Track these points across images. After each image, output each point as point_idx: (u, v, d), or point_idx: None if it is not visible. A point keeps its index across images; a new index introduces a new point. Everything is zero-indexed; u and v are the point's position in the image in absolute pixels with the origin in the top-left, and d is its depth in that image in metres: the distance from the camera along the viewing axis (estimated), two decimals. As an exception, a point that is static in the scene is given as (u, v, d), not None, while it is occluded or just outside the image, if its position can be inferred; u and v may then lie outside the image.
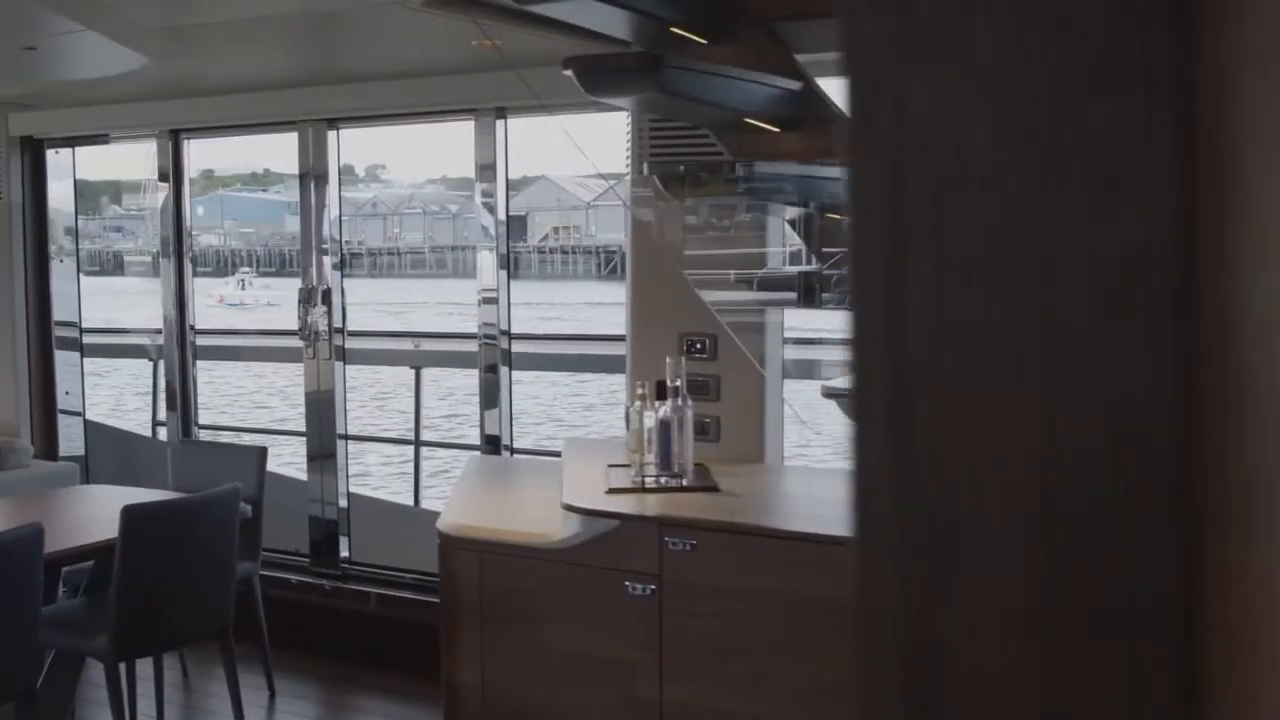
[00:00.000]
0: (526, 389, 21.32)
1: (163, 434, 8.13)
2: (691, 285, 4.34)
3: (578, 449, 5.00)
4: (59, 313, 7.23)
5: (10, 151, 6.96)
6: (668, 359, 4.37)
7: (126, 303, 7.37)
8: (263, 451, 5.59)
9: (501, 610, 4.11)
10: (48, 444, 7.09)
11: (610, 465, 4.50)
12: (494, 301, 5.80)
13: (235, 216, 54.92)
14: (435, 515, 7.24)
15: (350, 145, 6.47)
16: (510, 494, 4.86)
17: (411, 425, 7.73)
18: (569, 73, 3.91)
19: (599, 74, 4.01)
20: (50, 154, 7.11)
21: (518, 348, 5.99)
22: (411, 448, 7.65)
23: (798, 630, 3.64)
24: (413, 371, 7.35)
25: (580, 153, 4.75)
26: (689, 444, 4.20)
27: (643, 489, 4.14)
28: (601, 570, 3.91)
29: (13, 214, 6.98)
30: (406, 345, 7.70)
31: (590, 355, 10.49)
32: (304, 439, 6.37)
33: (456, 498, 4.68)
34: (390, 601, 6.10)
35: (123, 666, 4.74)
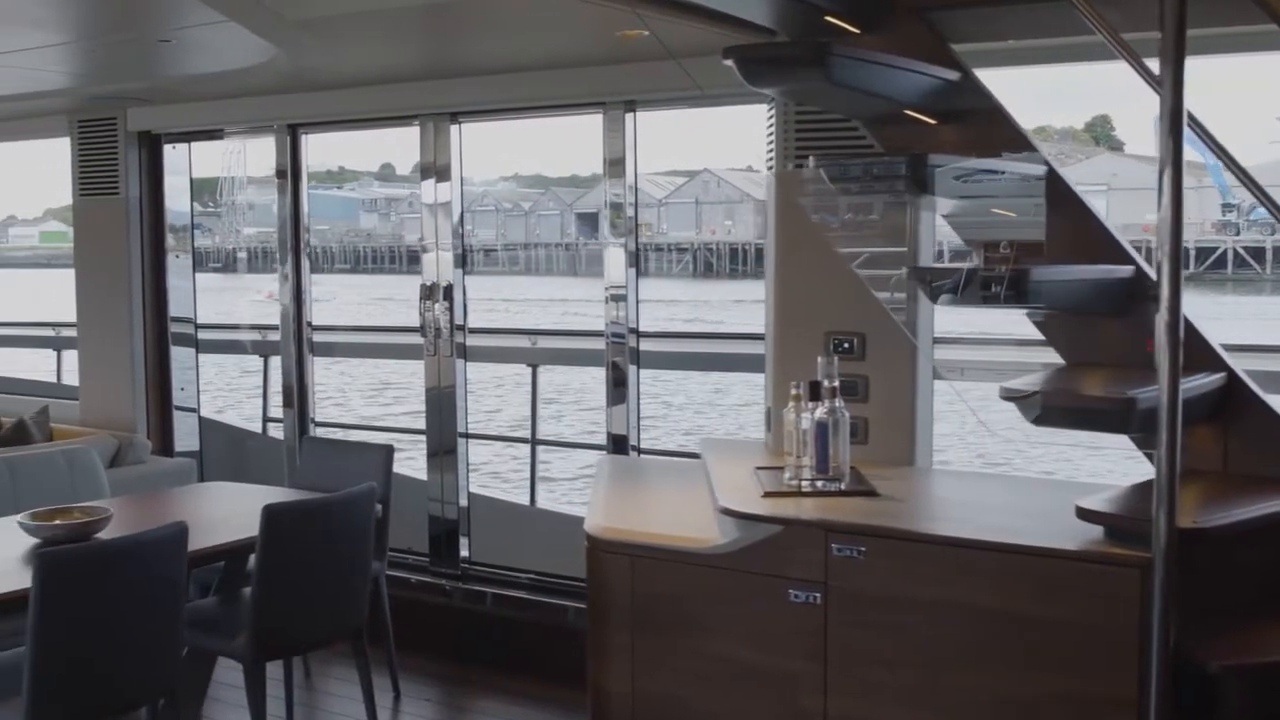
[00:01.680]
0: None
1: (273, 430, 8.13)
2: (866, 283, 4.19)
3: (717, 450, 4.87)
4: (174, 308, 7.21)
5: (128, 146, 6.94)
6: (819, 358, 4.23)
7: (203, 299, 7.32)
8: (389, 450, 5.51)
9: (654, 616, 3.99)
10: (163, 440, 7.07)
11: (758, 468, 4.37)
12: (622, 299, 5.68)
13: (311, 214, 55.16)
14: (551, 515, 7.25)
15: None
16: (651, 496, 4.73)
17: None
18: (729, 62, 3.79)
19: (762, 63, 3.88)
20: (167, 149, 7.08)
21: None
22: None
23: (971, 642, 3.48)
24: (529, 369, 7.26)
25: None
26: (846, 446, 4.06)
27: (800, 493, 4.01)
28: (762, 577, 3.78)
29: (130, 209, 6.97)
30: (522, 342, 7.60)
31: (685, 354, 10.28)
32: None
33: (598, 500, 4.55)
34: (509, 602, 6.01)
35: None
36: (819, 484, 4.03)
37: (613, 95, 5.58)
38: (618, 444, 5.72)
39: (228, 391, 16.28)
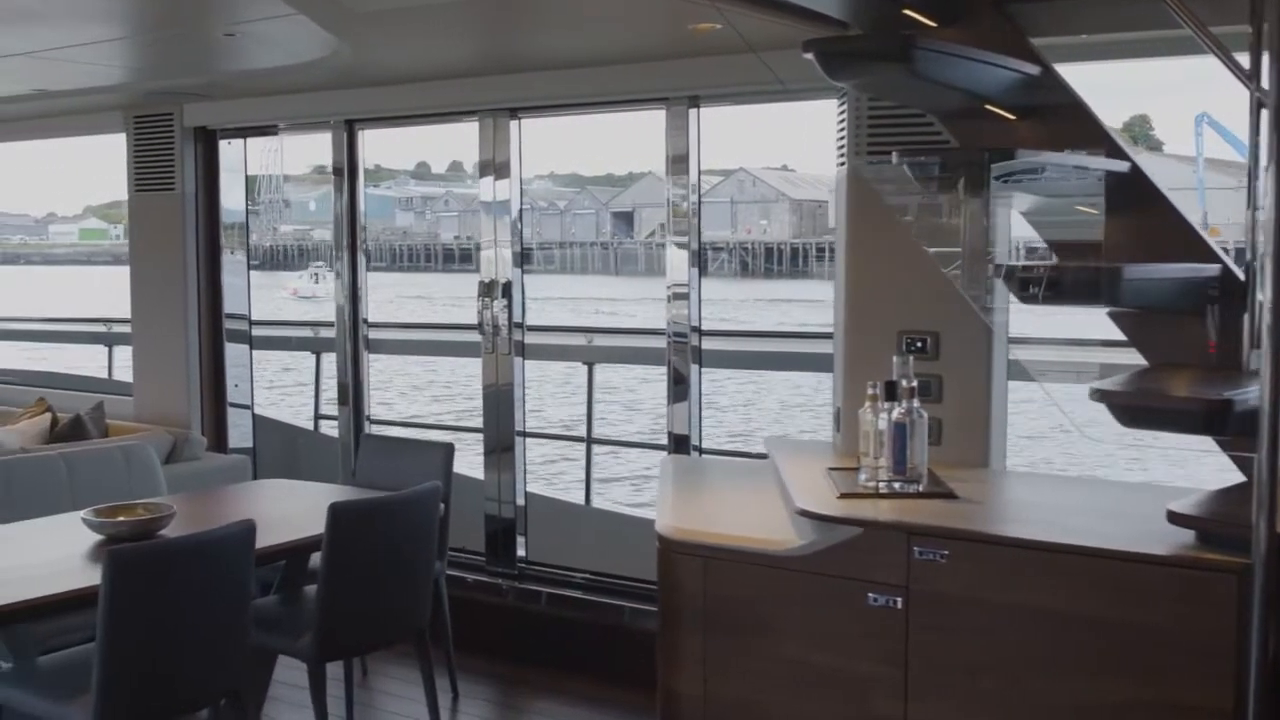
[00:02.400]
0: (657, 387, 21.24)
1: (325, 427, 8.11)
2: (955, 283, 4.11)
3: (785, 451, 4.80)
4: (228, 305, 7.18)
5: (184, 142, 6.92)
6: (894, 358, 4.16)
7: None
8: (449, 448, 5.47)
9: (727, 618, 3.92)
10: (217, 436, 7.05)
11: (830, 469, 4.31)
12: (684, 298, 5.62)
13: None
14: (605, 515, 7.21)
15: (466, 141, 6.32)
16: (720, 496, 4.66)
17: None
18: (809, 56, 3.72)
19: (844, 57, 3.81)
20: (222, 144, 7.06)
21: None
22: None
23: (1056, 648, 3.41)
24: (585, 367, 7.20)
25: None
26: (923, 447, 3.98)
27: (877, 494, 3.93)
28: (840, 580, 3.71)
29: (186, 205, 6.95)
30: (578, 340, 7.55)
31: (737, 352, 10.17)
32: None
33: (666, 500, 4.49)
34: (565, 602, 5.96)
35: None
36: (896, 485, 3.96)
37: (676, 90, 5.51)
38: (679, 443, 5.65)
39: (265, 388, 16.29)
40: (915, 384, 4.01)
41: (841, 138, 4.79)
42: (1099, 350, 4.68)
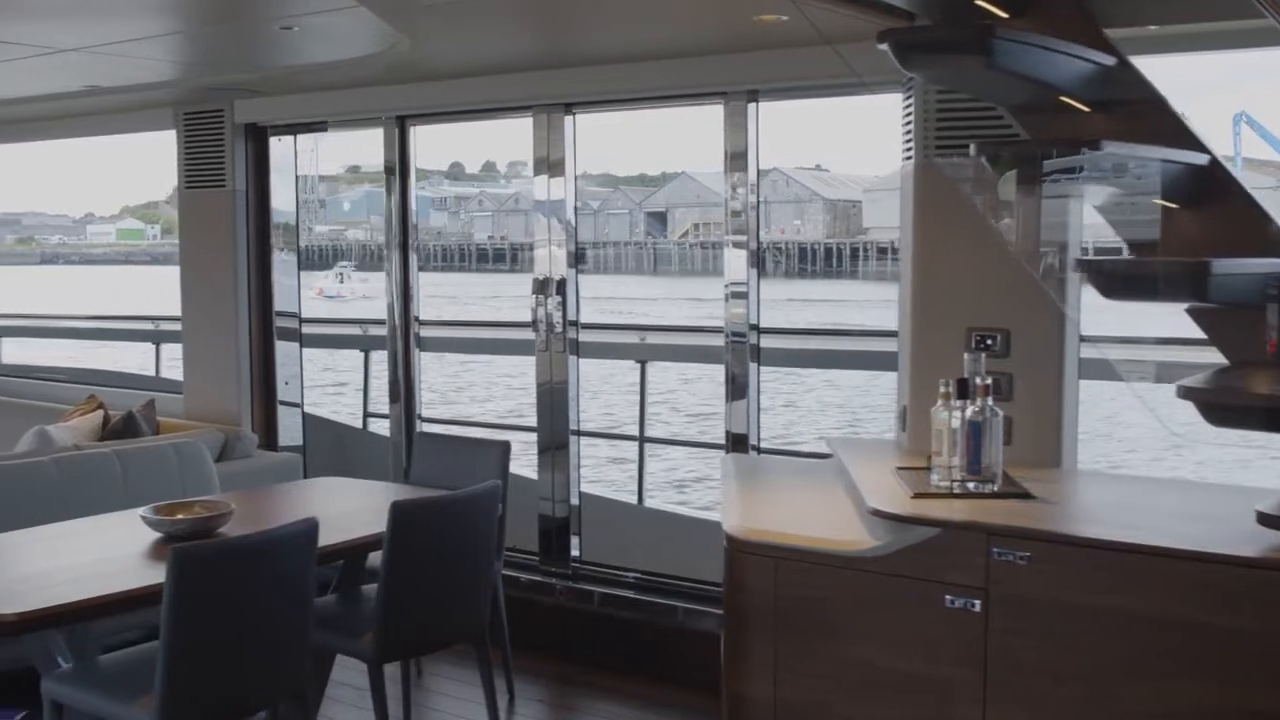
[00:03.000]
0: (697, 385, 21.20)
1: (374, 425, 8.07)
2: (1033, 277, 4.03)
3: (850, 450, 4.72)
4: (277, 303, 7.15)
5: (235, 138, 6.89)
6: (966, 355, 4.08)
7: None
8: (505, 447, 5.40)
9: (798, 620, 3.84)
10: (267, 434, 7.01)
11: (899, 468, 4.23)
12: (743, 296, 5.54)
13: (380, 212, 55.64)
14: (659, 514, 7.13)
15: (499, 141, 6.26)
16: (785, 496, 4.57)
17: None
18: (884, 46, 3.64)
19: (920, 48, 3.74)
20: (272, 141, 7.03)
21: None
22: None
23: (1141, 652, 3.32)
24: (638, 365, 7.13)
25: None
26: (998, 446, 3.90)
27: (951, 494, 3.85)
28: (916, 581, 3.63)
29: (237, 202, 6.91)
30: (631, 338, 7.48)
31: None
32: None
33: (731, 499, 4.41)
34: (620, 602, 5.89)
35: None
36: (970, 486, 3.88)
37: (735, 84, 5.43)
38: (736, 442, 5.58)
39: (307, 387, 16.30)
40: (990, 381, 3.92)
41: (908, 132, 4.70)
42: (1156, 349, 4.58)
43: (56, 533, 4.64)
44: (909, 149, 4.70)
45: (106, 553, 4.37)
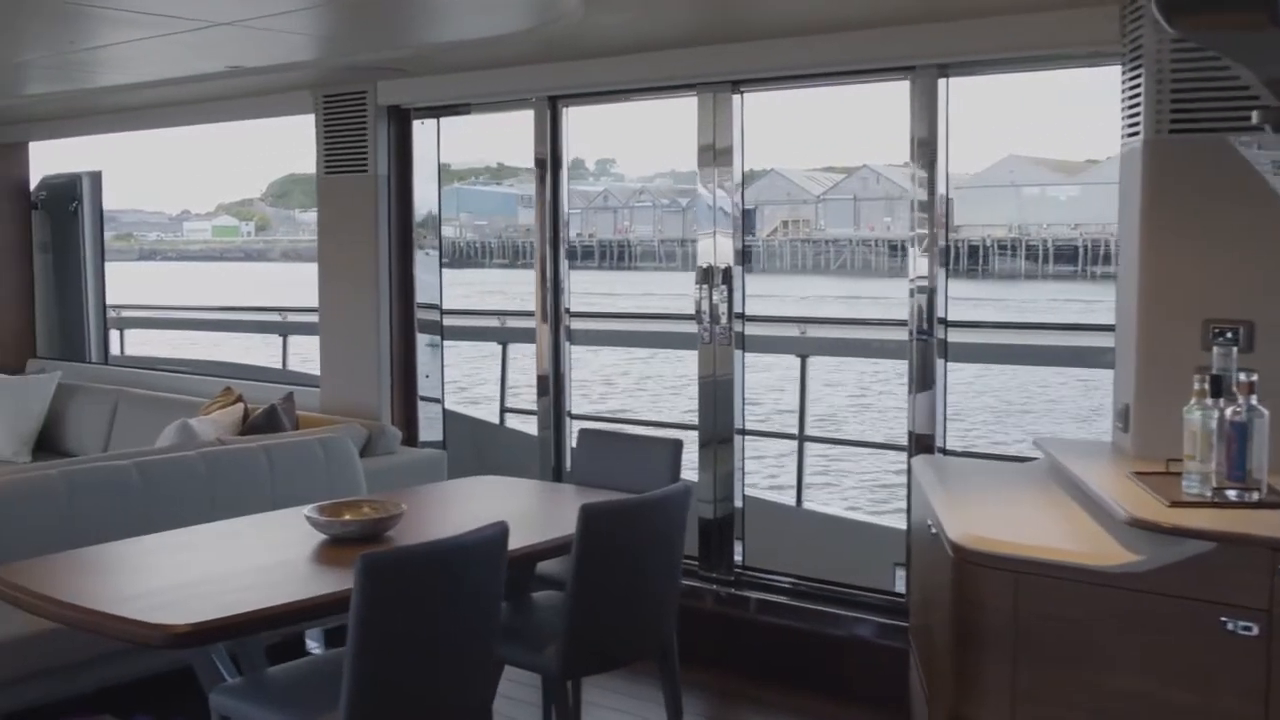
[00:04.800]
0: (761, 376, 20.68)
1: (511, 421, 7.79)
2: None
3: (1066, 452, 4.33)
4: (419, 294, 6.86)
5: (378, 121, 6.60)
6: (1215, 349, 3.69)
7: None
8: (677, 446, 5.03)
9: (1045, 643, 3.46)
10: (407, 430, 6.71)
11: (1136, 473, 3.83)
12: (928, 291, 5.16)
13: (470, 210, 55.87)
14: (821, 517, 6.77)
15: (579, 135, 5.94)
16: (1003, 502, 4.17)
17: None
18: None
19: (1195, 3, 3.34)
20: (415, 125, 6.74)
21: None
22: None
23: None
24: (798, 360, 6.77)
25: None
26: (1264, 450, 3.49)
27: (1213, 503, 3.45)
28: (1187, 602, 3.24)
29: (379, 187, 6.62)
30: (791, 331, 7.11)
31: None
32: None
33: (940, 505, 4.02)
34: (785, 610, 5.55)
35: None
36: (1231, 494, 3.48)
37: (923, 58, 5.04)
38: (920, 444, 5.19)
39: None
40: (1254, 378, 3.52)
41: (1133, 108, 4.28)
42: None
43: (214, 534, 4.37)
44: (1133, 127, 4.29)
45: (272, 556, 4.09)
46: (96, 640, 3.97)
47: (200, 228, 58.37)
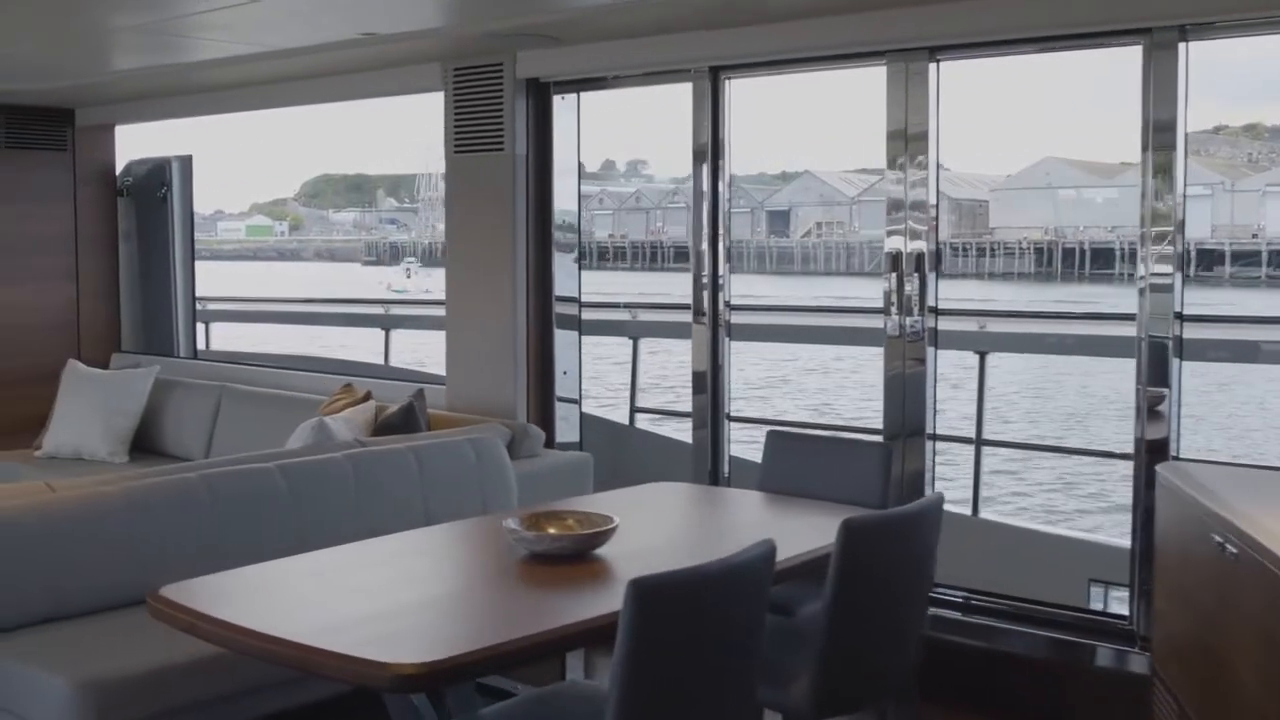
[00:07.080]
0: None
1: (640, 421, 7.29)
2: None
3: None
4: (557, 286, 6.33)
5: (515, 95, 6.06)
6: None
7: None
8: (886, 451, 4.50)
9: None
10: (544, 431, 6.16)
11: None
12: (1164, 290, 4.61)
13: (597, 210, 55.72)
14: (999, 528, 6.23)
15: (605, 140, 5.43)
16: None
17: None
18: None
19: None
20: (556, 100, 6.20)
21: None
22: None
23: None
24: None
25: None
26: None
27: None
28: None
29: (517, 168, 6.08)
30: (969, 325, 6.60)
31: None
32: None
33: (1248, 523, 3.47)
34: (979, 631, 5.03)
35: None
36: None
37: (1158, 19, 4.49)
38: (1153, 450, 4.65)
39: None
40: None
41: None
42: None
43: (393, 550, 3.82)
44: None
45: (469, 576, 3.61)
46: (255, 669, 3.49)
47: (234, 227, 58.27)
